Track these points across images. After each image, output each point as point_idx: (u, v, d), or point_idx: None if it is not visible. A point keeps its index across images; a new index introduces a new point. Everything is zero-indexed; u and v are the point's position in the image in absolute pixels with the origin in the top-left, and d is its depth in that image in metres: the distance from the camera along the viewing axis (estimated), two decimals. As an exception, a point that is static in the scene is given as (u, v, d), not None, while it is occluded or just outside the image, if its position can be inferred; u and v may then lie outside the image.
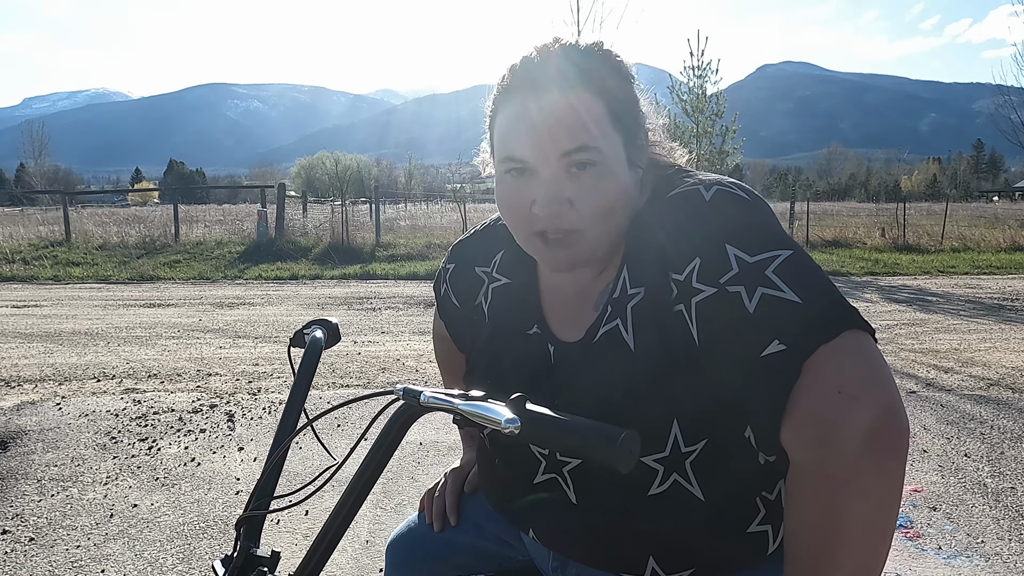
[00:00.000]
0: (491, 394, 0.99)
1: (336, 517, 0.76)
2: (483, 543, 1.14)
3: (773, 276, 0.75)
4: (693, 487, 0.84)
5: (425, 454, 3.53)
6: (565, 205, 0.84)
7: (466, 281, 1.09)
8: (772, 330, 0.74)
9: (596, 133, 0.83)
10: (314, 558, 0.78)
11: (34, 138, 77.42)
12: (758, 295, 0.75)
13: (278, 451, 0.88)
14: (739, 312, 0.75)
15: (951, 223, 17.48)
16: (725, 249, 0.78)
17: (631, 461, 0.58)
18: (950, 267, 12.60)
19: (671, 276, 0.81)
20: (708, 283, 0.78)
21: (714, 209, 0.81)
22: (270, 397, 4.54)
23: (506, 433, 0.63)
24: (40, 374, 5.12)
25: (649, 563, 0.89)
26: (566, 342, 0.93)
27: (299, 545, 2.65)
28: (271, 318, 7.61)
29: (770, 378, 0.73)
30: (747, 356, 0.75)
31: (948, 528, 2.78)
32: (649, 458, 0.83)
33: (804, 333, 0.73)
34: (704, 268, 0.78)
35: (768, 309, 0.74)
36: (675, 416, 0.81)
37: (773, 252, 0.77)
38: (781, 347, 0.73)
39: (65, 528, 2.77)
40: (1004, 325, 7.07)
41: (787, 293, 0.74)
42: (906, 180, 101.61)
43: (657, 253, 0.83)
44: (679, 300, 0.81)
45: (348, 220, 14.45)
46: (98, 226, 16.78)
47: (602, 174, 0.83)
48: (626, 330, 0.85)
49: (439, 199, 33.87)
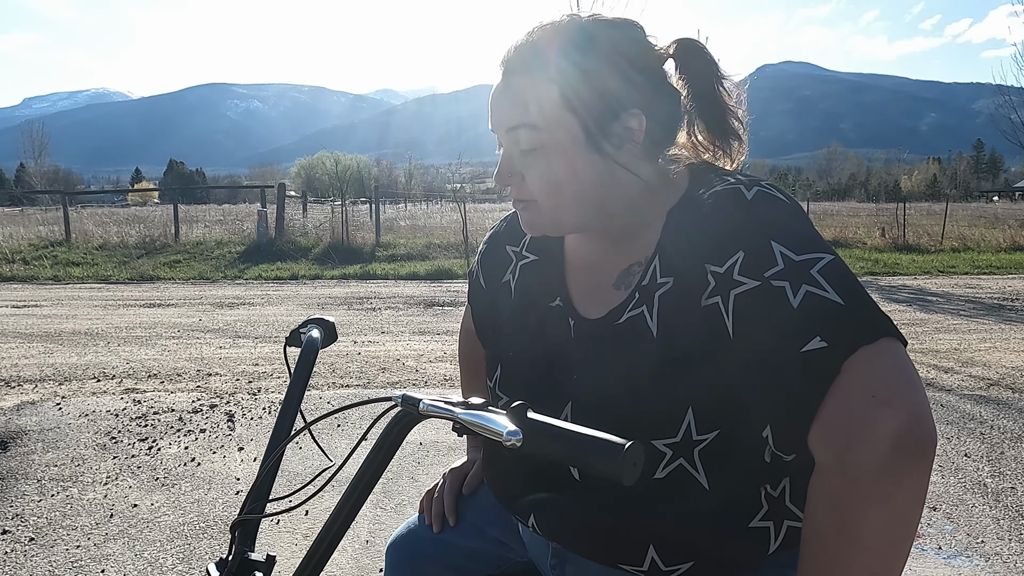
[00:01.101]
0: (513, 367, 1.02)
1: (334, 521, 0.76)
2: (482, 545, 1.14)
3: (817, 276, 0.76)
4: (699, 475, 0.85)
5: (425, 454, 3.53)
6: (516, 177, 0.91)
7: (495, 259, 1.13)
8: (815, 327, 0.74)
9: (538, 114, 0.87)
10: (312, 562, 0.78)
11: (34, 138, 77.43)
12: (802, 292, 0.75)
13: (274, 454, 0.87)
14: (783, 306, 0.76)
15: (951, 223, 17.48)
16: (770, 245, 0.79)
17: (635, 473, 0.57)
18: (950, 267, 12.60)
19: (709, 269, 0.82)
20: (751, 276, 0.78)
21: (757, 207, 0.83)
22: (270, 397, 4.54)
23: (508, 446, 0.62)
24: (40, 374, 5.12)
25: (649, 553, 0.88)
26: (586, 318, 0.95)
27: (299, 545, 2.66)
28: (271, 318, 7.61)
29: (808, 374, 0.74)
30: (787, 350, 0.75)
31: (948, 528, 2.78)
32: (659, 442, 0.84)
33: (846, 333, 0.73)
34: (747, 262, 0.79)
35: (811, 306, 0.75)
36: (690, 404, 0.82)
37: (817, 254, 0.78)
38: (822, 344, 0.73)
39: (65, 528, 2.77)
40: (1004, 325, 7.08)
41: (830, 294, 0.75)
42: (906, 180, 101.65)
43: (694, 246, 0.85)
44: (716, 293, 0.81)
45: (348, 220, 14.45)
46: (98, 226, 16.78)
47: (545, 153, 0.88)
48: (651, 317, 0.87)
49: (439, 199, 33.88)
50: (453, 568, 1.14)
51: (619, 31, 0.90)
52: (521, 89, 0.88)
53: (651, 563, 0.89)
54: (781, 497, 0.88)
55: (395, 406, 0.72)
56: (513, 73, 0.89)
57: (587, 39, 0.88)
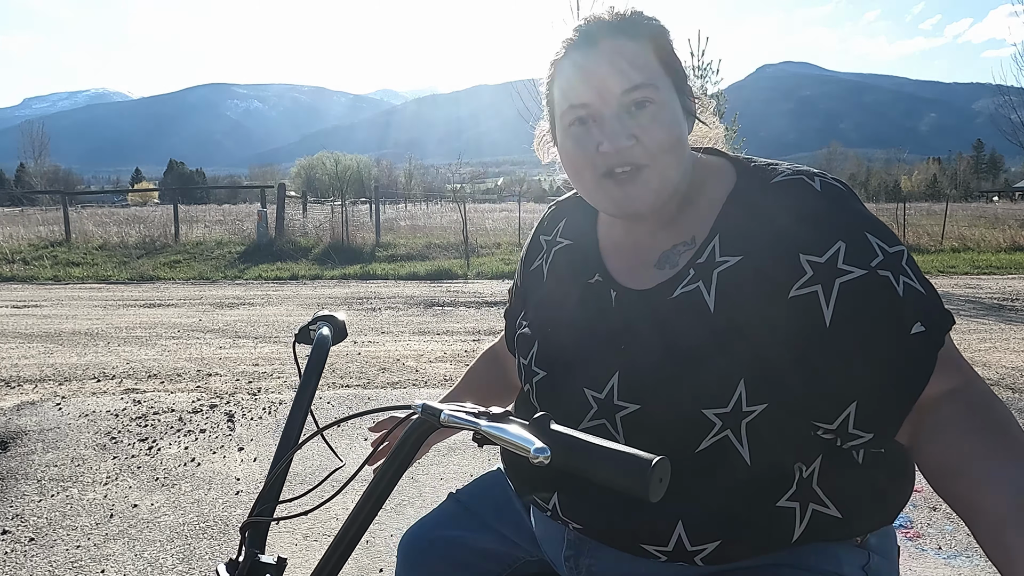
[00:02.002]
0: (551, 341, 1.03)
1: (349, 528, 0.75)
2: (494, 543, 1.15)
3: (906, 267, 0.85)
4: (742, 448, 0.87)
5: (426, 454, 3.53)
6: (631, 140, 0.90)
7: (530, 249, 1.17)
8: (916, 313, 0.83)
9: (650, 73, 0.91)
10: (327, 568, 0.77)
11: (34, 138, 77.40)
12: (902, 282, 0.84)
13: (286, 456, 0.86)
14: (891, 294, 0.83)
15: (951, 223, 17.47)
16: (867, 237, 0.85)
17: (661, 490, 0.58)
18: (950, 267, 12.60)
19: (804, 258, 0.86)
20: (858, 265, 0.84)
21: (836, 198, 0.89)
22: (270, 397, 4.54)
23: (535, 463, 0.62)
24: (40, 374, 5.12)
25: (676, 531, 0.88)
26: (631, 288, 0.97)
27: (299, 546, 2.66)
28: (271, 318, 7.61)
29: (912, 355, 0.83)
30: (897, 334, 0.83)
31: (948, 528, 2.78)
32: (710, 411, 0.86)
33: (936, 319, 0.84)
34: (851, 252, 0.84)
35: (911, 295, 0.84)
36: (743, 376, 0.86)
37: (900, 246, 0.87)
38: (922, 328, 0.83)
39: (65, 528, 2.77)
40: (1004, 325, 7.07)
41: (916, 283, 0.85)
42: (906, 180, 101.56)
43: (775, 234, 0.88)
44: (815, 282, 0.85)
45: (348, 220, 14.46)
46: (98, 226, 16.78)
47: (661, 110, 0.91)
48: (708, 292, 0.90)
49: (439, 199, 33.89)
50: (465, 566, 1.14)
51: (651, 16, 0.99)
52: (631, 52, 0.91)
53: (677, 542, 0.89)
54: (810, 478, 0.89)
55: (414, 414, 0.71)
56: (610, 38, 0.92)
57: (645, 17, 0.96)
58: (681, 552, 0.89)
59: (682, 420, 0.87)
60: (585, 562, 0.99)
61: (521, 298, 1.17)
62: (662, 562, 0.91)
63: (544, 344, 1.03)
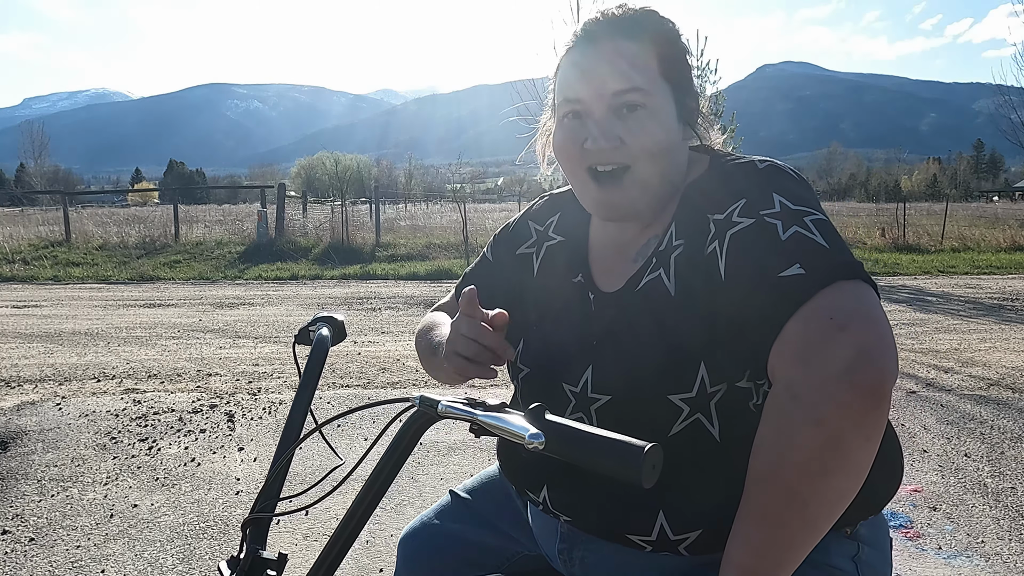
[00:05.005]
0: (536, 338, 1.03)
1: (349, 522, 0.76)
2: (493, 538, 1.16)
3: (809, 223, 0.82)
4: (713, 428, 0.89)
5: (426, 454, 3.53)
6: (615, 142, 0.92)
7: (516, 230, 1.18)
8: (796, 257, 0.78)
9: (645, 78, 0.92)
10: (325, 563, 0.77)
11: (34, 138, 77.38)
12: (792, 230, 0.81)
13: (286, 453, 0.87)
14: (771, 238, 0.81)
15: (951, 223, 17.47)
16: (772, 195, 0.85)
17: (654, 476, 0.58)
18: (950, 267, 12.60)
19: (711, 218, 0.88)
20: (748, 216, 0.84)
21: (766, 172, 0.90)
22: (270, 397, 4.54)
23: (530, 448, 0.63)
24: (40, 374, 5.12)
25: (658, 521, 0.89)
26: (604, 291, 0.99)
27: (298, 544, 2.66)
28: (271, 318, 7.61)
29: (781, 295, 0.77)
30: (767, 275, 0.79)
31: (948, 528, 2.78)
32: (676, 397, 0.87)
33: (825, 268, 0.77)
34: (747, 206, 0.85)
35: (797, 242, 0.80)
36: (702, 358, 0.86)
37: (812, 209, 0.84)
38: (800, 271, 0.77)
39: (65, 528, 2.77)
40: (1004, 325, 7.07)
41: (817, 237, 0.80)
42: (906, 180, 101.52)
43: (702, 208, 0.91)
44: (714, 238, 0.86)
45: (348, 220, 14.46)
46: (98, 226, 16.78)
47: (651, 116, 0.92)
48: (668, 278, 0.91)
49: (439, 199, 33.89)
50: (465, 561, 1.15)
51: (663, 15, 0.99)
52: (631, 54, 0.92)
53: (660, 532, 0.90)
54: None
55: (412, 406, 0.72)
56: (609, 39, 0.93)
57: (667, 20, 0.97)
58: (665, 542, 0.90)
59: (649, 407, 0.89)
60: (578, 555, 1.00)
61: (502, 274, 1.14)
62: (649, 552, 0.92)
63: (528, 342, 1.05)
